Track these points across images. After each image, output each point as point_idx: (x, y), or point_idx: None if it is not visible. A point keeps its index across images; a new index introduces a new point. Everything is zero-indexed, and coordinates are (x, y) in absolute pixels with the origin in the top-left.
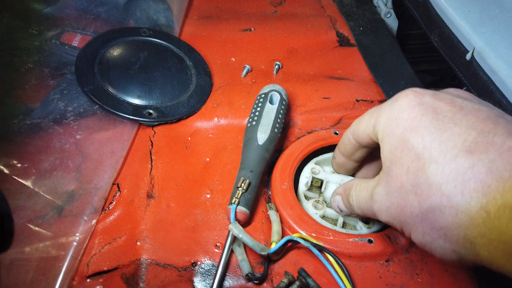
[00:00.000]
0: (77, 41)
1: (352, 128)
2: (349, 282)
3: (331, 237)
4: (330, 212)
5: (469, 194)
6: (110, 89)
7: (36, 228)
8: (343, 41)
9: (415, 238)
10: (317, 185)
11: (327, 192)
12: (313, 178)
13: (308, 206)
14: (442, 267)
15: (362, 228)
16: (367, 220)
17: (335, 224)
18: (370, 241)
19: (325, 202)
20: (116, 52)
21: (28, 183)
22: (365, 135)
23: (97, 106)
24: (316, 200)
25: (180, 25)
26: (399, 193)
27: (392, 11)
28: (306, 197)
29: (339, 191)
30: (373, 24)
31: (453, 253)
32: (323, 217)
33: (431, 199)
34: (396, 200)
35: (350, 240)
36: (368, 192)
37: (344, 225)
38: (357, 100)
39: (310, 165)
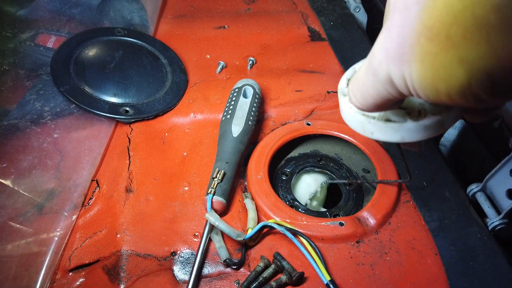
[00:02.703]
0: (51, 42)
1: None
2: (322, 263)
3: (305, 222)
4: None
5: None
6: (86, 88)
7: (17, 226)
8: (314, 36)
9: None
10: None
11: None
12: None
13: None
14: (409, 246)
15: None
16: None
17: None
18: (341, 224)
19: None
20: (91, 52)
21: (7, 182)
22: None
23: (73, 105)
24: None
25: (155, 24)
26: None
27: (361, 5)
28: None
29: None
30: (343, 19)
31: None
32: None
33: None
34: (395, 28)
35: (323, 223)
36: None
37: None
38: (328, 92)
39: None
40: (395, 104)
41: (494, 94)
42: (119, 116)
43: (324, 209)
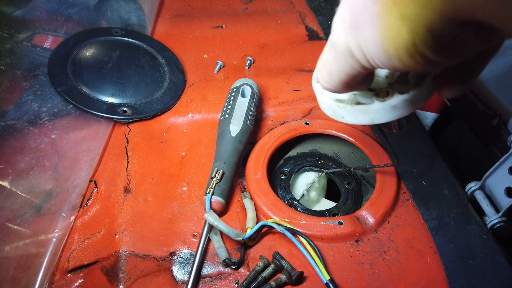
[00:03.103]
0: (48, 42)
1: None
2: (322, 263)
3: (304, 221)
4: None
5: None
6: (84, 89)
7: (15, 227)
8: (312, 35)
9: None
10: None
11: None
12: None
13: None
14: (408, 244)
15: (374, 101)
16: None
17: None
18: (340, 223)
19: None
20: (88, 52)
21: (5, 184)
22: None
23: (71, 105)
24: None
25: (152, 24)
26: None
27: None
28: None
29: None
30: None
31: None
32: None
33: None
34: None
35: (322, 223)
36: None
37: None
38: None
39: None
40: (362, 83)
41: (438, 50)
42: (117, 117)
43: (327, 200)
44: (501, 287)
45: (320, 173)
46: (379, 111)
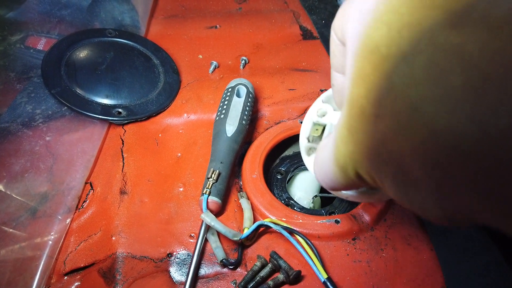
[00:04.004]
0: (42, 44)
1: (334, 22)
2: (319, 261)
3: (300, 220)
4: None
5: None
6: (78, 90)
7: (11, 230)
8: (306, 35)
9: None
10: (317, 134)
11: None
12: (313, 124)
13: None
14: (405, 242)
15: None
16: None
17: None
18: (337, 222)
19: None
20: (82, 53)
21: None
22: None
23: (65, 107)
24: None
25: (146, 25)
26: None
27: None
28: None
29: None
30: (334, 17)
31: None
32: None
33: None
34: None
35: (318, 222)
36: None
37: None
38: (321, 90)
39: (317, 105)
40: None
41: (376, 182)
42: (112, 118)
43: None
44: (497, 284)
45: (314, 197)
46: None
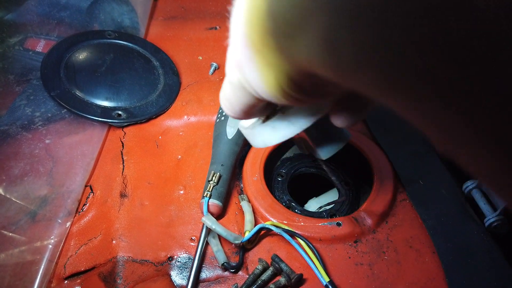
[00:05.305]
0: (41, 46)
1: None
2: (320, 264)
3: (302, 223)
4: None
5: None
6: (78, 93)
7: (10, 234)
8: None
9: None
10: None
11: None
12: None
13: None
14: (406, 244)
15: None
16: None
17: None
18: (338, 224)
19: None
20: (81, 55)
21: None
22: None
23: (65, 110)
24: None
25: (146, 26)
26: None
27: None
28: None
29: None
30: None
31: None
32: None
33: None
34: None
35: (320, 224)
36: None
37: None
38: None
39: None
40: (263, 110)
41: (301, 92)
42: (112, 120)
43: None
44: (500, 286)
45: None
46: (264, 133)
